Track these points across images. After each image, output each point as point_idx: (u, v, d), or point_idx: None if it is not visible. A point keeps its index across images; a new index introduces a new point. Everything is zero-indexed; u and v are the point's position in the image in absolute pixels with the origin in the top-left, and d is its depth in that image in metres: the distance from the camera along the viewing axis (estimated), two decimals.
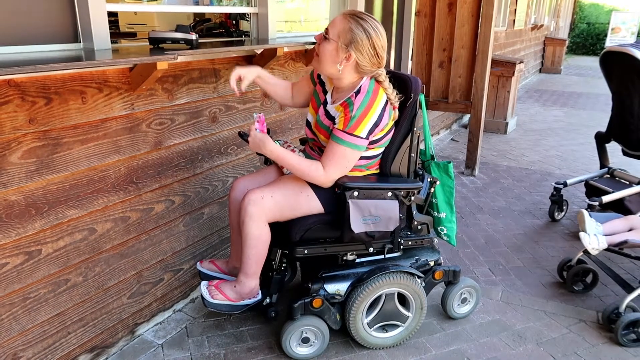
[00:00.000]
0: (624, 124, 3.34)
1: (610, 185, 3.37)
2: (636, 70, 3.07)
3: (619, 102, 3.38)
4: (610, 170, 3.58)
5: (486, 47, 4.18)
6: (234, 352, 2.13)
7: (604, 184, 3.42)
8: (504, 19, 8.05)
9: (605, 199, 3.17)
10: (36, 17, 1.70)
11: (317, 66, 1.93)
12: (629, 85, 3.21)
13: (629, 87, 3.21)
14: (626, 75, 3.21)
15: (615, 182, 3.46)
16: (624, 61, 3.13)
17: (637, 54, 3.00)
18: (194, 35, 2.06)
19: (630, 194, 3.21)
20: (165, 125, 2.12)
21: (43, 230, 1.71)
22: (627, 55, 3.06)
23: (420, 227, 2.15)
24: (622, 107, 3.34)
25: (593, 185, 3.48)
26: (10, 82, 1.54)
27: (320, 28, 3.51)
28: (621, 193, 3.19)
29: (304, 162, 1.88)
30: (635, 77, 3.12)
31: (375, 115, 1.84)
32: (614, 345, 2.23)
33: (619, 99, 3.39)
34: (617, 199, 3.18)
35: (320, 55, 1.89)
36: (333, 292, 2.04)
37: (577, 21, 18.38)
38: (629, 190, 3.21)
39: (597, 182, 3.47)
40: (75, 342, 1.93)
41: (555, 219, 3.59)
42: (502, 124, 6.15)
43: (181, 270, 2.38)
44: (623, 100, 3.31)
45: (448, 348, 2.20)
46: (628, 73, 3.17)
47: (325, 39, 1.87)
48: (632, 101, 3.20)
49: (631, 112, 3.23)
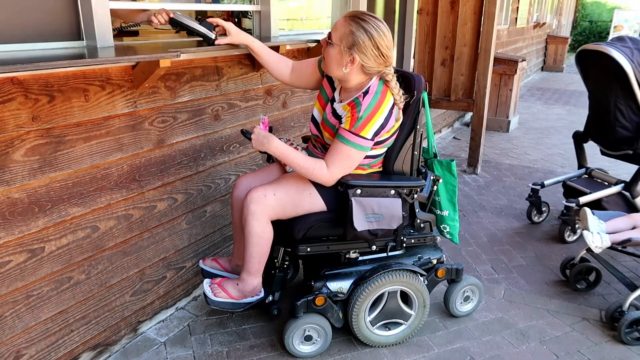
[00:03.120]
0: (601, 124, 3.26)
1: (588, 186, 3.33)
2: (611, 69, 2.97)
3: (595, 101, 3.31)
4: (588, 171, 3.53)
5: (489, 45, 4.17)
6: (236, 350, 2.13)
7: (582, 184, 3.38)
8: (506, 17, 8.03)
9: (582, 200, 3.15)
10: (39, 14, 1.69)
11: (325, 69, 1.94)
12: (604, 84, 3.13)
13: (605, 86, 3.12)
14: (601, 74, 3.13)
15: (593, 183, 3.41)
16: (599, 60, 3.04)
17: (612, 52, 2.91)
18: (213, 34, 2.02)
19: (608, 195, 3.18)
20: (167, 123, 2.12)
21: (46, 228, 1.72)
22: (602, 54, 2.96)
23: (423, 225, 2.15)
24: (598, 106, 3.26)
25: (570, 186, 3.43)
26: (13, 80, 1.54)
27: (322, 26, 3.50)
28: (598, 194, 3.17)
29: (307, 160, 1.87)
30: (610, 76, 3.02)
31: (382, 117, 1.83)
32: (617, 343, 2.23)
33: (595, 98, 3.31)
34: (594, 200, 3.16)
35: (326, 59, 1.90)
36: (336, 290, 2.04)
37: (580, 19, 18.33)
38: (606, 191, 3.18)
39: (575, 182, 3.43)
40: (78, 340, 1.93)
41: (533, 221, 3.50)
42: (504, 122, 6.14)
43: (184, 268, 2.38)
44: (599, 99, 3.23)
45: (451, 346, 2.19)
46: (603, 72, 3.09)
47: (328, 43, 1.86)
48: (607, 100, 3.11)
49: (607, 111, 3.13)
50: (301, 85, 2.18)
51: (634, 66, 2.89)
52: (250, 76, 2.53)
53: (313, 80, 2.14)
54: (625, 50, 2.93)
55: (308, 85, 2.16)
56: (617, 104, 3.06)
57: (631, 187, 3.16)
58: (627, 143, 3.11)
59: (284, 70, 2.15)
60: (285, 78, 2.16)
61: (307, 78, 2.14)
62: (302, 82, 2.16)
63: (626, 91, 2.98)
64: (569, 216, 3.12)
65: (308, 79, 2.14)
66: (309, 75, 2.14)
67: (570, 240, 3.21)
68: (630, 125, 3.06)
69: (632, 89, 2.94)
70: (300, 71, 2.15)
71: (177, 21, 1.99)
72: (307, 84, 2.16)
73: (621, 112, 3.06)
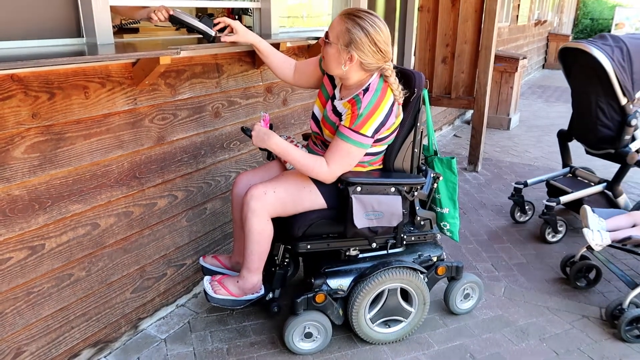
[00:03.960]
0: (583, 122, 3.23)
1: (571, 185, 3.31)
2: (592, 68, 2.94)
3: (578, 100, 3.28)
4: (572, 170, 3.51)
5: (489, 42, 4.16)
6: (236, 347, 2.14)
7: (565, 183, 3.36)
8: (507, 15, 8.01)
9: (563, 200, 3.14)
10: (39, 11, 1.69)
11: (325, 68, 1.95)
12: (586, 82, 3.09)
13: (586, 85, 3.09)
14: (583, 73, 3.10)
15: (577, 182, 3.39)
16: (580, 58, 3.01)
17: (592, 50, 2.88)
18: (214, 32, 2.02)
19: (589, 194, 3.18)
20: (168, 121, 2.12)
21: (46, 225, 1.72)
22: (584, 52, 2.93)
23: (423, 222, 2.15)
24: (580, 105, 3.24)
25: (554, 185, 3.42)
26: (13, 77, 1.54)
27: (322, 24, 3.50)
28: (580, 193, 3.16)
29: (307, 157, 1.87)
30: (591, 75, 2.99)
31: (382, 114, 1.83)
32: (617, 341, 2.23)
33: (577, 96, 3.28)
34: (576, 199, 3.15)
35: (325, 58, 1.90)
36: (336, 287, 2.04)
37: (581, 17, 18.28)
38: (588, 191, 3.17)
39: (558, 181, 3.41)
40: (78, 337, 1.93)
41: (517, 220, 3.46)
42: (505, 120, 6.14)
43: (184, 265, 2.38)
44: (581, 97, 3.20)
45: (451, 343, 2.20)
46: (584, 70, 3.06)
47: (326, 42, 1.87)
48: (589, 99, 3.08)
49: (589, 110, 3.11)
50: (304, 85, 2.19)
51: (614, 64, 2.86)
52: (250, 73, 2.53)
53: (315, 79, 2.14)
54: (606, 48, 2.90)
55: (310, 84, 2.17)
56: (598, 102, 3.03)
57: (613, 187, 3.15)
58: (608, 142, 3.09)
59: (288, 71, 2.17)
60: (289, 78, 2.17)
61: (309, 77, 2.15)
62: (305, 82, 2.17)
63: (607, 89, 2.95)
64: (550, 216, 3.09)
65: (310, 78, 2.15)
66: (310, 75, 2.14)
67: (553, 241, 3.16)
68: (611, 123, 3.04)
69: (612, 87, 2.91)
70: (302, 71, 2.16)
71: (176, 18, 1.99)
72: (310, 83, 2.17)
73: (602, 110, 3.04)
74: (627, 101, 2.94)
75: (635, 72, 2.92)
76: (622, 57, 2.90)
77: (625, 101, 2.94)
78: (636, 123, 2.98)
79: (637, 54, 2.92)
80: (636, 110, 2.98)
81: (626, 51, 2.91)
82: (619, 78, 2.88)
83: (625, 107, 2.96)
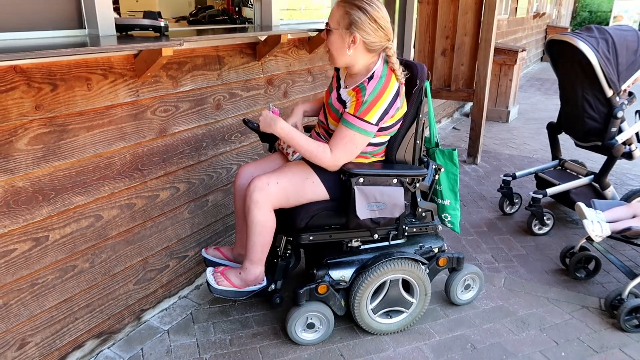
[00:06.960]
0: (571, 115, 3.24)
1: (559, 177, 3.32)
2: (577, 61, 2.93)
3: (565, 92, 3.28)
4: (561, 162, 3.52)
5: (489, 35, 4.16)
6: (239, 338, 2.15)
7: (553, 176, 3.37)
8: (507, 7, 8.00)
9: (549, 192, 3.15)
10: (41, 2, 1.68)
11: (333, 62, 1.95)
12: (572, 75, 3.09)
13: (573, 77, 3.09)
14: (569, 65, 3.09)
15: (565, 174, 3.40)
16: (566, 50, 3.00)
17: (578, 43, 2.87)
18: (162, 22, 2.00)
19: (576, 186, 3.18)
20: (169, 112, 2.12)
21: (50, 216, 1.72)
22: (569, 45, 2.92)
23: (424, 214, 2.16)
24: (568, 98, 3.24)
25: (542, 178, 3.43)
26: (16, 68, 1.54)
27: (321, 16, 3.49)
28: (567, 185, 3.17)
29: (312, 143, 1.88)
30: (577, 67, 2.99)
31: (386, 102, 1.84)
32: (617, 330, 2.25)
33: (564, 89, 3.28)
34: (563, 191, 3.16)
35: (330, 48, 1.91)
36: (338, 278, 2.05)
37: (579, 9, 18.24)
38: (575, 183, 3.18)
39: (546, 174, 3.42)
40: (82, 328, 1.94)
41: (506, 212, 3.48)
42: (504, 113, 6.14)
43: (186, 257, 2.39)
44: (567, 90, 3.21)
45: (452, 334, 2.21)
46: (570, 63, 3.05)
47: (328, 31, 1.88)
48: (575, 91, 3.08)
49: (576, 102, 3.10)
50: None
51: (599, 56, 2.85)
52: (251, 65, 2.53)
53: None
54: (591, 40, 2.89)
55: None
56: (584, 94, 3.03)
57: (600, 179, 3.16)
58: (595, 134, 3.09)
59: None
60: None
61: None
62: None
63: (592, 82, 2.95)
64: (536, 208, 3.10)
65: None
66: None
67: (540, 233, 3.17)
68: (598, 116, 3.04)
69: (598, 79, 2.91)
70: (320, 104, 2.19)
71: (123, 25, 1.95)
72: None
73: (589, 103, 3.03)
74: (612, 93, 2.94)
75: (621, 63, 2.92)
76: (607, 49, 2.90)
77: (611, 93, 2.94)
78: (622, 115, 2.99)
79: (622, 46, 2.91)
80: (622, 102, 2.98)
81: (612, 43, 2.90)
82: (604, 70, 2.87)
83: (611, 99, 2.96)
